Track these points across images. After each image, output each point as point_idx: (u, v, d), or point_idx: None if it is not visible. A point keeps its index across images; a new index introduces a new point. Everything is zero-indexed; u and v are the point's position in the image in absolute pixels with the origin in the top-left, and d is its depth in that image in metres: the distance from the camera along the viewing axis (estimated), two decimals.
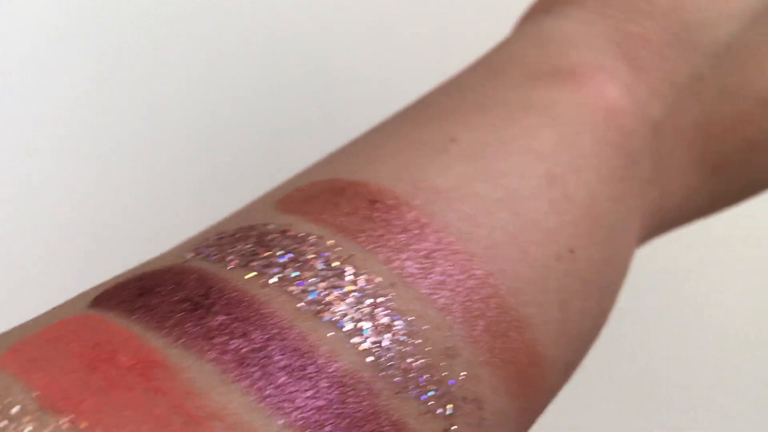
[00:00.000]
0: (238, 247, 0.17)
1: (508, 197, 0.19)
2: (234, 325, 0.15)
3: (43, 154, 0.41)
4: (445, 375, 0.17)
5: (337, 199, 0.18)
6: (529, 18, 0.26)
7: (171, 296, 0.15)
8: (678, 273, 0.48)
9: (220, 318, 0.15)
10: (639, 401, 0.48)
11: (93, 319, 0.15)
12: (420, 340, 0.17)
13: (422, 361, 0.17)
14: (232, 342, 0.15)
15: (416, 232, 0.18)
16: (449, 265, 0.18)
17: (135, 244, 0.40)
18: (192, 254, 0.17)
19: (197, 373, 0.14)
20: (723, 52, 0.24)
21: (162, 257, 0.17)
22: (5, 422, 0.13)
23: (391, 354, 0.16)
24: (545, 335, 0.19)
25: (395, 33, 0.47)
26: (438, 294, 0.17)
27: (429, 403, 0.16)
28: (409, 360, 0.16)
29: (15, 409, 0.13)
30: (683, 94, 0.24)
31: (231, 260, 0.16)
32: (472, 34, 0.34)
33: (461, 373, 0.17)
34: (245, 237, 0.17)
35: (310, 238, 0.17)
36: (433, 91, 0.23)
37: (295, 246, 0.17)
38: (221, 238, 0.17)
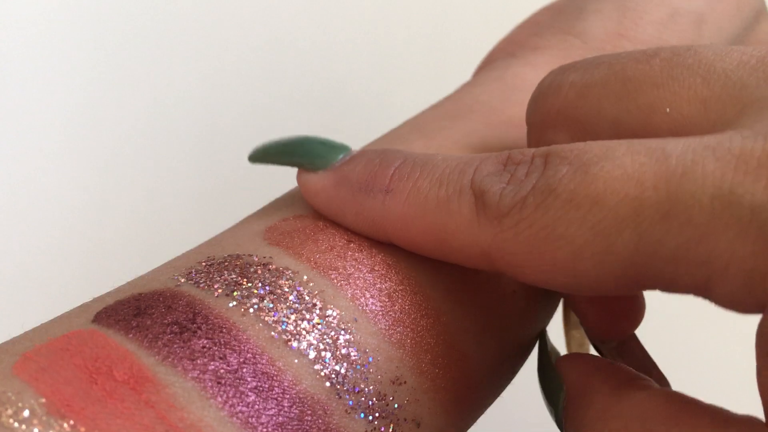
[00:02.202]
0: (225, 275, 0.19)
1: None
2: (214, 349, 0.18)
3: (41, 157, 0.42)
4: (391, 399, 0.19)
5: (317, 236, 0.21)
6: (495, 59, 0.28)
7: (163, 318, 0.18)
8: None
9: (203, 341, 0.18)
10: None
11: (95, 334, 0.17)
12: (373, 370, 0.19)
13: (372, 387, 0.19)
14: (211, 363, 0.17)
15: (383, 272, 0.20)
16: (408, 305, 0.20)
17: (135, 246, 0.41)
18: (184, 279, 0.19)
19: (180, 389, 0.17)
20: None
21: (157, 275, 0.20)
22: (17, 423, 0.15)
23: (347, 380, 0.19)
24: (483, 366, 0.22)
25: (397, 36, 0.48)
26: (394, 330, 0.20)
27: (374, 423, 0.19)
28: (361, 386, 0.19)
29: (26, 413, 0.15)
30: None
31: (217, 288, 0.19)
32: (472, 40, 0.36)
33: (405, 399, 0.20)
34: (232, 266, 0.19)
35: (287, 272, 0.19)
36: (399, 130, 0.25)
37: (273, 279, 0.19)
38: (211, 264, 0.20)
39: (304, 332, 0.19)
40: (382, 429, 0.19)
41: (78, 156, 0.43)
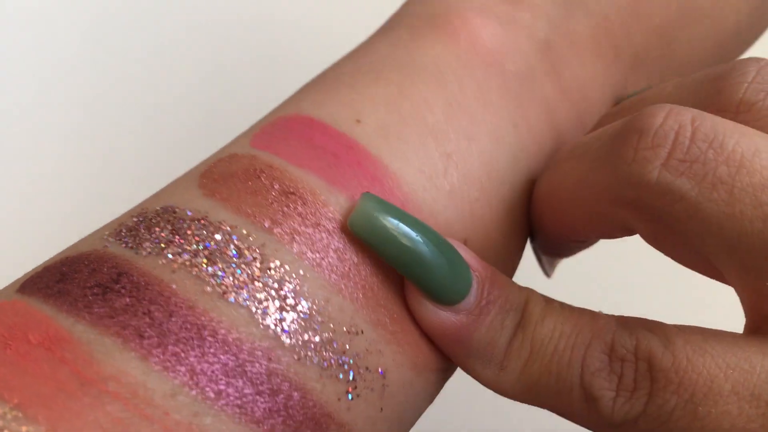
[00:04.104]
0: (155, 232, 0.18)
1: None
2: (138, 306, 0.17)
3: (37, 153, 0.42)
4: (347, 348, 0.18)
5: (254, 183, 0.19)
6: None
7: (85, 282, 0.17)
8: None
9: (126, 299, 0.17)
10: None
11: (16, 304, 0.17)
12: (323, 319, 0.18)
13: (325, 335, 0.18)
14: (133, 320, 0.16)
15: (329, 228, 0.19)
16: (357, 260, 0.19)
17: None
18: (113, 239, 0.18)
19: (98, 344, 0.16)
20: None
21: (91, 235, 0.19)
22: None
23: (293, 328, 0.18)
24: None
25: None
26: (344, 284, 0.19)
27: (329, 370, 0.18)
28: (310, 333, 0.18)
29: None
30: (567, 4, 0.25)
31: (146, 247, 0.18)
32: None
33: (365, 348, 0.18)
34: (164, 221, 0.18)
35: (224, 227, 0.18)
36: (347, 58, 0.24)
37: (208, 234, 0.18)
38: (142, 220, 0.19)
39: (243, 285, 0.18)
40: (340, 376, 0.18)
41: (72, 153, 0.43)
